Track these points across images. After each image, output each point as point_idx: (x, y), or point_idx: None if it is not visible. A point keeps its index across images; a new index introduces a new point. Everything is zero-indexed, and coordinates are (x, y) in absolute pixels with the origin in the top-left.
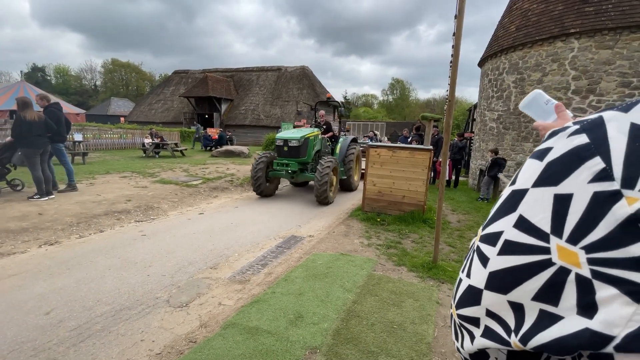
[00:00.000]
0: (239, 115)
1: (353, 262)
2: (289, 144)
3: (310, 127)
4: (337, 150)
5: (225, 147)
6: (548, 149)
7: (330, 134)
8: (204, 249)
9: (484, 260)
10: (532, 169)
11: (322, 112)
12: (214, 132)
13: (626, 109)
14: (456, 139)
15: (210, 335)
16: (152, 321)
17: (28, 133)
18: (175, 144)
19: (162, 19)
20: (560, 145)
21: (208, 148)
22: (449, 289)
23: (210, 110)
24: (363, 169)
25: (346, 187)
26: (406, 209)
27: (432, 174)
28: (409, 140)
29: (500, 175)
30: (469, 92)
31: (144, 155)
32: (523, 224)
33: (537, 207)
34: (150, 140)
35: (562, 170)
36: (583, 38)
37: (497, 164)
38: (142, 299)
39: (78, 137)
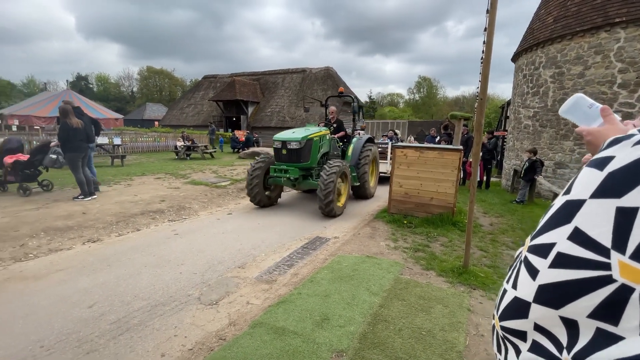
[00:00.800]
0: (265, 117)
1: (379, 265)
2: (288, 146)
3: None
4: (350, 152)
5: (252, 149)
6: (609, 158)
7: (341, 133)
8: (232, 248)
9: (533, 272)
10: (590, 178)
11: (332, 108)
12: (241, 135)
13: None
14: (485, 137)
15: (238, 333)
16: (185, 317)
17: (73, 138)
18: (205, 147)
19: (193, 27)
20: (623, 155)
21: (236, 150)
22: (481, 295)
23: (237, 113)
24: (382, 172)
25: (360, 194)
26: (434, 211)
27: (461, 175)
28: (437, 140)
29: (539, 178)
30: (500, 89)
31: (176, 157)
32: (579, 237)
33: (596, 220)
34: (181, 143)
35: (626, 181)
36: (630, 27)
37: (534, 168)
38: (175, 295)
39: (117, 140)
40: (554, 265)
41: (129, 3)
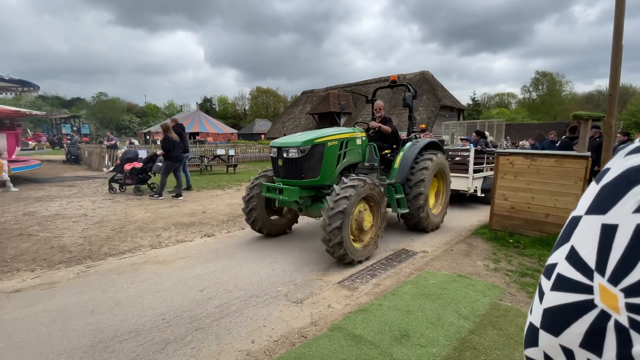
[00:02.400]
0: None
1: (473, 287)
2: (285, 155)
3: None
4: (397, 164)
5: None
6: (606, 170)
7: (387, 129)
8: (318, 251)
9: (541, 295)
10: (589, 192)
11: (379, 103)
12: None
13: None
14: (617, 139)
15: (318, 334)
16: (273, 311)
17: (174, 149)
18: None
19: (296, 48)
20: (616, 166)
21: None
22: None
23: (331, 124)
24: (462, 191)
25: (414, 225)
26: (550, 230)
27: None
28: (558, 144)
29: None
30: None
31: None
32: (573, 257)
33: (587, 238)
34: None
35: (612, 195)
36: None
37: None
38: (267, 290)
39: (232, 152)
40: (554, 287)
41: (245, 33)
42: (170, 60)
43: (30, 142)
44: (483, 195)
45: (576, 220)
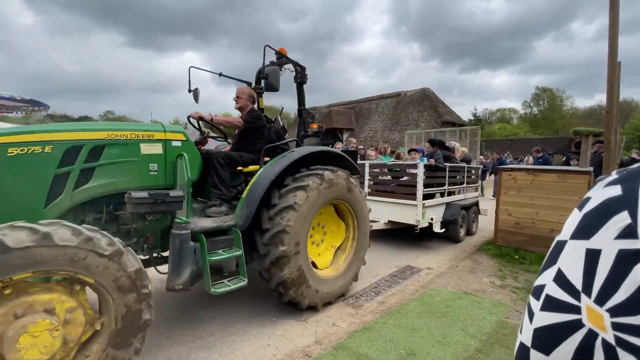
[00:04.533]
0: (358, 142)
1: (479, 304)
2: None
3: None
4: (245, 193)
5: None
6: (587, 199)
7: (225, 122)
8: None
9: (531, 315)
10: (572, 219)
11: (242, 88)
12: None
13: None
14: (633, 154)
15: (323, 352)
16: (277, 329)
17: None
18: None
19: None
20: (597, 195)
21: None
22: None
23: (333, 140)
24: (375, 222)
25: (280, 295)
26: None
27: None
28: (564, 159)
29: None
30: None
31: None
32: (560, 278)
33: (572, 261)
34: None
35: (594, 223)
36: None
37: None
38: (272, 308)
39: None
40: (543, 307)
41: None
42: (175, 78)
43: None
44: (443, 230)
45: (561, 245)
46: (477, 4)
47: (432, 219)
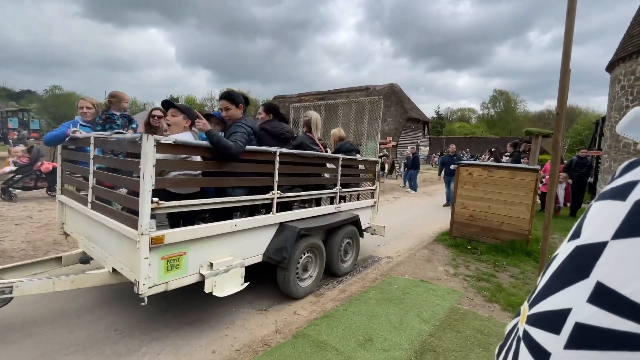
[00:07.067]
0: (327, 134)
1: (434, 291)
2: None
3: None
4: None
5: None
6: (632, 184)
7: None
8: None
9: (540, 354)
10: (608, 213)
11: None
12: None
13: None
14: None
15: (282, 341)
16: (236, 319)
17: None
18: None
19: (271, 53)
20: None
21: None
22: None
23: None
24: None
25: None
26: (505, 237)
27: (539, 200)
28: (487, 158)
29: None
30: (596, 102)
31: None
32: (605, 297)
33: (628, 270)
34: None
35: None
36: None
37: None
38: (231, 296)
39: None
40: (575, 343)
41: (220, 35)
42: (138, 56)
43: None
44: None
45: (594, 249)
46: (446, 7)
47: (210, 266)
